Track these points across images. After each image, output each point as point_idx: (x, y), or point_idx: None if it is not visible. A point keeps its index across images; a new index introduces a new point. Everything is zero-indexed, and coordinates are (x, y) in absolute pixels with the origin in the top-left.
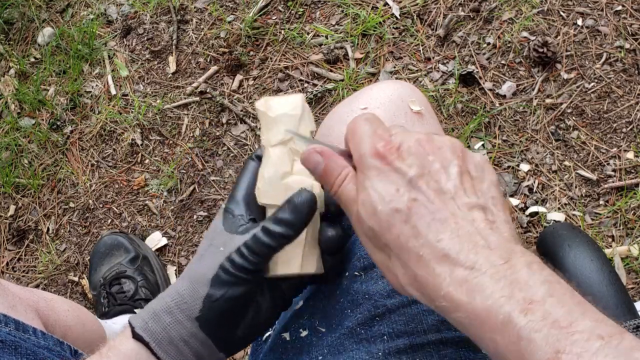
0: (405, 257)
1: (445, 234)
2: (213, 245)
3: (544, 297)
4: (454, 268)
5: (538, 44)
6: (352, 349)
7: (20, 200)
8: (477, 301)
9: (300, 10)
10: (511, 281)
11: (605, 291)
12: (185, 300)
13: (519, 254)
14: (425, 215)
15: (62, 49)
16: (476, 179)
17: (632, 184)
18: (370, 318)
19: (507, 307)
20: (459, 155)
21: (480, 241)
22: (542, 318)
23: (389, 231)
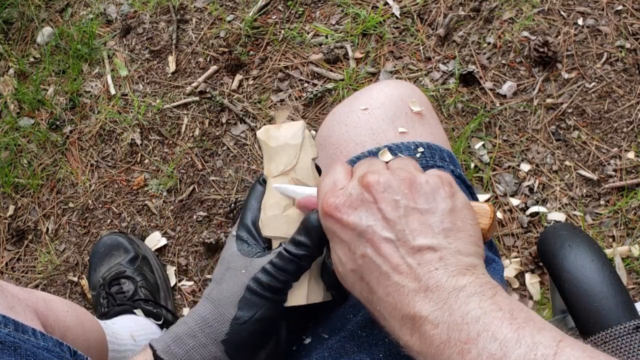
0: (373, 312)
1: (391, 288)
2: (231, 269)
3: (479, 333)
4: (402, 321)
5: (539, 44)
6: (354, 352)
7: (20, 200)
8: (425, 350)
9: (300, 9)
10: (448, 324)
11: (605, 291)
12: (210, 323)
13: (459, 289)
14: (374, 270)
15: (62, 49)
16: (427, 213)
17: (632, 184)
18: (371, 321)
19: (447, 352)
20: (405, 192)
21: (421, 288)
22: (478, 355)
23: (353, 289)
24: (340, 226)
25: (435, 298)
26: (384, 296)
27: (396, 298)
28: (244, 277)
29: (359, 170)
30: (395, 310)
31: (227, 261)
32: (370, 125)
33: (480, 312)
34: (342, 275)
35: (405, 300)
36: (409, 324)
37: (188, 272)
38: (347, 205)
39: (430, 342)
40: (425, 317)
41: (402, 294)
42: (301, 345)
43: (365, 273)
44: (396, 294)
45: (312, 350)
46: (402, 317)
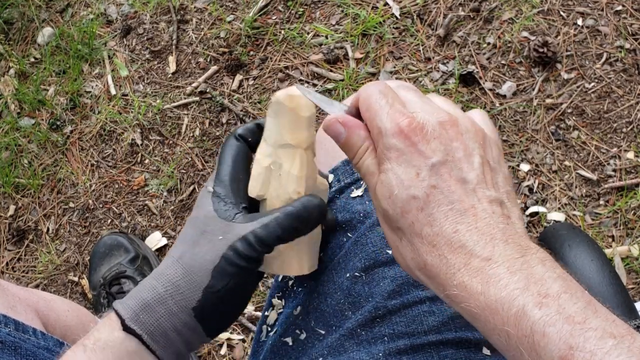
0: (417, 244)
1: (463, 225)
2: (208, 232)
3: (559, 293)
4: (469, 258)
5: (538, 44)
6: (353, 350)
7: (20, 200)
8: (491, 292)
9: (300, 10)
10: (526, 275)
11: (605, 291)
12: (181, 291)
13: (534, 250)
14: (443, 204)
15: (62, 49)
16: (494, 171)
17: (632, 184)
18: (370, 319)
19: (521, 300)
20: (480, 143)
21: (498, 234)
22: (557, 312)
23: (402, 217)
24: (414, 149)
25: (513, 248)
26: (450, 232)
27: (467, 236)
28: (221, 244)
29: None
30: (462, 248)
31: (203, 223)
32: None
33: (557, 274)
34: (396, 198)
35: (481, 239)
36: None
37: None
38: (427, 132)
39: (504, 286)
40: (503, 262)
41: (475, 234)
42: (296, 340)
43: (432, 204)
44: (467, 233)
45: (309, 346)
46: (470, 255)
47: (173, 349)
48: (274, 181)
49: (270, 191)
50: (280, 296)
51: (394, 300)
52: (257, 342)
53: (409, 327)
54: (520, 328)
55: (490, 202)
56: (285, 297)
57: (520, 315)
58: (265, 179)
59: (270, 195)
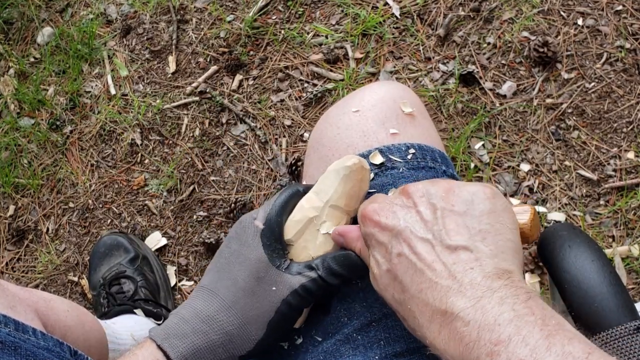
0: (402, 312)
1: (424, 284)
2: (261, 280)
3: (510, 336)
4: (432, 317)
5: (538, 44)
6: (349, 355)
7: (20, 200)
8: (452, 348)
9: (300, 10)
10: (479, 323)
11: (605, 292)
12: (234, 340)
13: (494, 290)
14: (408, 268)
15: (62, 49)
16: (463, 215)
17: (632, 184)
18: (366, 324)
19: (475, 352)
20: (443, 196)
21: (454, 285)
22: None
23: (386, 292)
24: (379, 229)
25: (469, 295)
26: (416, 293)
27: (428, 294)
28: (276, 298)
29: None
30: (426, 307)
31: (256, 268)
32: (362, 127)
33: (512, 315)
34: (378, 277)
35: (438, 296)
36: (439, 319)
37: (188, 272)
38: (387, 210)
39: (460, 340)
40: (457, 314)
41: (435, 290)
42: (292, 345)
43: (399, 272)
44: (429, 290)
45: (305, 351)
46: (432, 312)
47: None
48: (309, 234)
49: (300, 241)
50: None
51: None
52: None
53: (404, 330)
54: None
55: (454, 251)
56: None
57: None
58: (303, 228)
59: (299, 244)
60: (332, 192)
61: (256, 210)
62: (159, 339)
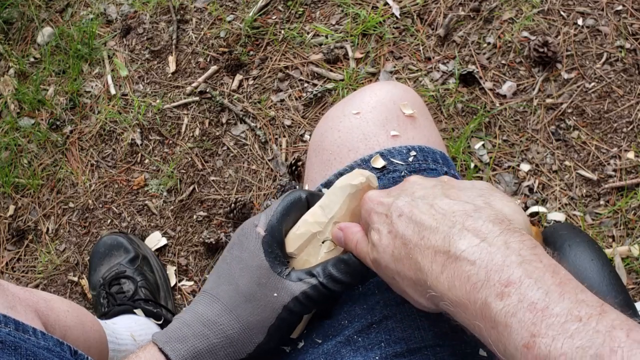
0: (402, 269)
1: (426, 232)
2: (262, 286)
3: (521, 279)
4: (434, 257)
5: (538, 44)
6: (350, 356)
7: (20, 200)
8: (457, 288)
9: (300, 9)
10: (487, 262)
11: (605, 291)
12: (235, 344)
13: (497, 232)
14: (409, 223)
15: (62, 49)
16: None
17: (632, 184)
18: (367, 325)
19: (483, 292)
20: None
21: (457, 225)
22: (518, 301)
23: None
24: (377, 202)
25: (471, 236)
26: (418, 241)
27: (431, 238)
28: (276, 302)
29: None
30: (428, 250)
31: (257, 274)
32: (362, 130)
33: (521, 259)
34: (378, 244)
35: (440, 237)
36: (442, 258)
37: (188, 272)
38: (386, 190)
39: (466, 279)
40: (460, 254)
41: (437, 234)
42: (293, 348)
43: (400, 229)
44: (431, 235)
45: (306, 353)
46: (434, 252)
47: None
48: (312, 248)
49: (302, 254)
50: None
51: (390, 307)
52: None
53: (405, 331)
54: (487, 320)
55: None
56: None
57: (484, 308)
58: (305, 242)
59: (301, 258)
60: (337, 209)
61: (258, 216)
62: (161, 343)
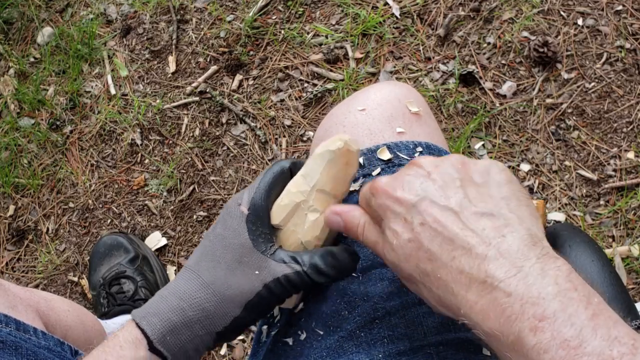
0: (428, 283)
1: (457, 252)
2: (244, 263)
3: (555, 313)
4: (469, 285)
5: (538, 44)
6: (352, 352)
7: (20, 200)
8: (491, 320)
9: (300, 10)
10: (522, 296)
11: (606, 292)
12: (211, 317)
13: (534, 259)
14: (435, 237)
15: (62, 49)
16: (482, 185)
17: (632, 184)
18: (370, 321)
19: (517, 326)
20: (458, 168)
21: (490, 252)
22: (551, 338)
23: (408, 263)
24: (393, 200)
25: (508, 265)
26: (448, 261)
27: (463, 262)
28: (257, 282)
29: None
30: (461, 275)
31: (239, 252)
32: (368, 126)
33: (557, 290)
34: (397, 248)
35: (475, 263)
36: (477, 288)
37: None
38: (400, 180)
39: (501, 312)
40: (497, 284)
41: (470, 257)
42: (296, 340)
43: (425, 241)
44: (463, 257)
45: (308, 346)
46: (469, 280)
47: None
48: (298, 218)
49: (289, 225)
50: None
51: (392, 302)
52: (257, 343)
53: (408, 328)
54: (519, 355)
55: (479, 218)
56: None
57: (517, 342)
58: (290, 213)
59: (288, 229)
60: (318, 176)
61: (241, 193)
62: (138, 318)
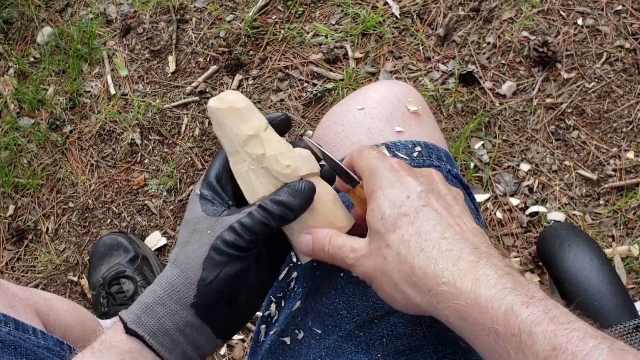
0: (404, 252)
1: (450, 234)
2: (197, 231)
3: (544, 297)
4: (457, 261)
5: (538, 44)
6: (352, 352)
7: (20, 200)
8: (482, 290)
9: (300, 10)
10: (514, 279)
11: (605, 291)
12: (178, 289)
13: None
14: (432, 219)
15: (62, 49)
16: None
17: (632, 184)
18: (369, 321)
19: (510, 299)
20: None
21: (483, 247)
22: (543, 312)
23: (394, 232)
24: (404, 179)
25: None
26: (439, 238)
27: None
28: (210, 238)
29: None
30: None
31: (193, 223)
32: (367, 125)
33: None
34: (389, 217)
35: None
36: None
37: None
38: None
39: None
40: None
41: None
42: (294, 340)
43: (420, 219)
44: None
45: (306, 346)
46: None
47: (180, 351)
48: (263, 176)
49: (268, 187)
50: (281, 297)
51: None
52: (256, 342)
53: (407, 328)
54: (509, 327)
55: (474, 227)
56: (285, 297)
57: (509, 314)
58: (255, 181)
59: (268, 190)
60: (230, 139)
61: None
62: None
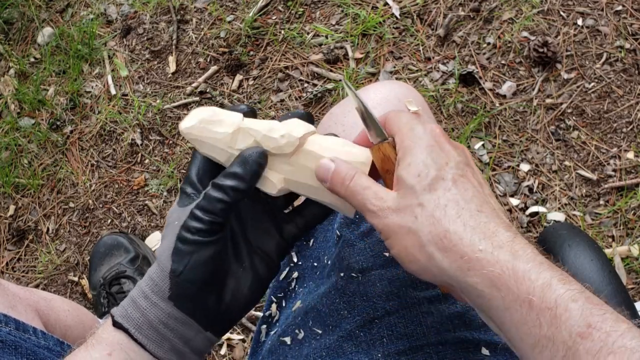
0: (439, 215)
1: (486, 208)
2: (170, 223)
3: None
4: (494, 233)
5: (538, 44)
6: (352, 352)
7: (20, 200)
8: (520, 262)
9: (300, 10)
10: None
11: (605, 291)
12: (156, 282)
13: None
14: (469, 189)
15: (62, 49)
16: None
17: (632, 184)
18: (369, 320)
19: (547, 274)
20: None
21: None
22: (579, 291)
23: (430, 192)
24: (444, 147)
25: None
26: (476, 209)
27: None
28: (177, 228)
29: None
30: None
31: (168, 217)
32: None
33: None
34: (425, 177)
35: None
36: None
37: None
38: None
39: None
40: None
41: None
42: (295, 340)
43: (458, 187)
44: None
45: (306, 345)
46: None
47: (169, 345)
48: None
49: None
50: (282, 296)
51: (392, 302)
52: (257, 342)
53: (407, 328)
54: (545, 299)
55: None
56: (286, 297)
57: (546, 287)
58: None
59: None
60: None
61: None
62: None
